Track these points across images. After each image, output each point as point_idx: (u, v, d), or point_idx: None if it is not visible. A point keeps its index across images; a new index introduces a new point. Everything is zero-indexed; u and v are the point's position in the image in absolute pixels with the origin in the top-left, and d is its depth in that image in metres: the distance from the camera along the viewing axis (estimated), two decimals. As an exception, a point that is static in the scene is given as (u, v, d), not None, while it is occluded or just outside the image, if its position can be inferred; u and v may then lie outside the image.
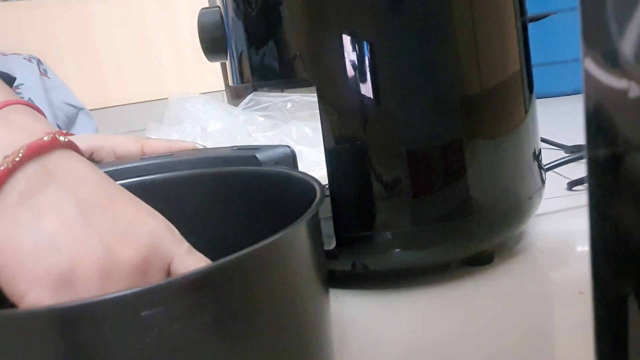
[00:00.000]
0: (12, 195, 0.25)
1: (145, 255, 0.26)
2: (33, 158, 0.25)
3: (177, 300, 0.23)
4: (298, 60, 0.44)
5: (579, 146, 0.77)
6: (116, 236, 0.26)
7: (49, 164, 0.26)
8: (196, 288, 0.24)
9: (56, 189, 0.25)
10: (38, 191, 0.25)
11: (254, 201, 0.42)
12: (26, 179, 0.25)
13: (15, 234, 0.24)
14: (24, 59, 1.23)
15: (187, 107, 1.15)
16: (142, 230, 0.27)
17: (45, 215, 0.25)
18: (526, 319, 0.40)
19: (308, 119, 1.05)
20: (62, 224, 0.25)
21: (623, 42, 0.18)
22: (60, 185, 0.26)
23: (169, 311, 0.23)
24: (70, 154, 0.28)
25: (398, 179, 0.43)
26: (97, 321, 0.23)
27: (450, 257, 0.48)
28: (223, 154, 0.46)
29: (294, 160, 0.45)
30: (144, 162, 0.45)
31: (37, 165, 0.26)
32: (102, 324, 0.23)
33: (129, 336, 0.23)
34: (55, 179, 0.26)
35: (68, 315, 0.23)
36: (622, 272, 0.20)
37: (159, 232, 0.27)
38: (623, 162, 0.19)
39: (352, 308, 0.45)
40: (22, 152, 0.25)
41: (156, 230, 0.27)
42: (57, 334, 0.23)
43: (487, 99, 0.45)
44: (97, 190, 0.27)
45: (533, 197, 0.48)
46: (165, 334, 0.23)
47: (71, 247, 0.24)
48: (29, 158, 0.25)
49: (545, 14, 0.56)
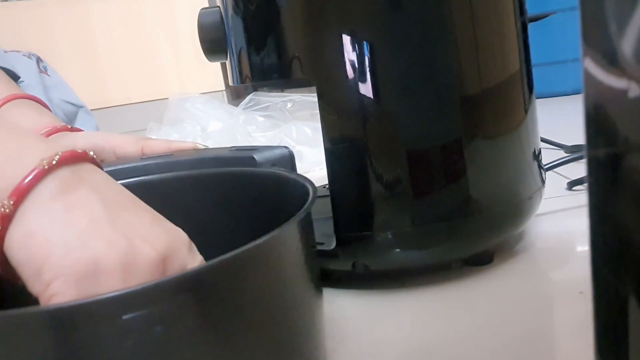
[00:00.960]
0: (46, 192, 0.27)
1: (164, 256, 0.27)
2: (66, 164, 0.28)
3: (158, 303, 0.23)
4: (298, 60, 0.44)
5: (579, 146, 0.77)
6: (139, 235, 0.27)
7: (78, 171, 0.29)
8: (178, 291, 0.24)
9: (85, 190, 0.28)
10: (69, 191, 0.27)
11: (248, 202, 0.42)
12: (59, 180, 0.27)
13: (46, 227, 0.26)
14: (23, 56, 1.23)
15: (187, 107, 1.15)
16: (163, 233, 0.29)
17: (74, 212, 0.27)
18: (526, 319, 0.40)
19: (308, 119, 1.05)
20: (90, 220, 0.27)
21: (623, 42, 0.18)
22: (89, 188, 0.28)
23: (151, 314, 0.23)
24: (94, 167, 0.30)
25: (398, 179, 0.43)
26: (80, 324, 0.23)
27: (450, 257, 0.48)
28: (221, 155, 0.46)
29: (292, 161, 0.45)
30: (143, 162, 0.45)
31: (68, 170, 0.28)
32: (84, 327, 0.23)
33: (111, 339, 0.23)
34: (84, 183, 0.28)
35: (50, 319, 0.23)
36: (622, 272, 0.20)
37: (178, 238, 0.29)
38: (623, 162, 0.19)
39: (353, 308, 0.45)
40: (58, 157, 0.28)
41: (175, 235, 0.29)
42: (38, 337, 0.23)
43: (487, 99, 0.45)
44: (121, 195, 0.30)
45: (533, 197, 0.48)
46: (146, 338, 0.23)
47: (97, 242, 0.26)
48: (63, 164, 0.28)
49: (545, 14, 0.56)
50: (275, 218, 0.32)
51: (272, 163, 0.44)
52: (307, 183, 0.36)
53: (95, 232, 0.26)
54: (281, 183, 0.40)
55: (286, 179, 0.40)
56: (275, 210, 0.38)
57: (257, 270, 0.27)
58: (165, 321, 0.23)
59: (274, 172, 0.42)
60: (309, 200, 0.33)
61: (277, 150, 0.45)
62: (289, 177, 0.39)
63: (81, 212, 0.27)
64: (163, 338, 0.23)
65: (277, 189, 0.40)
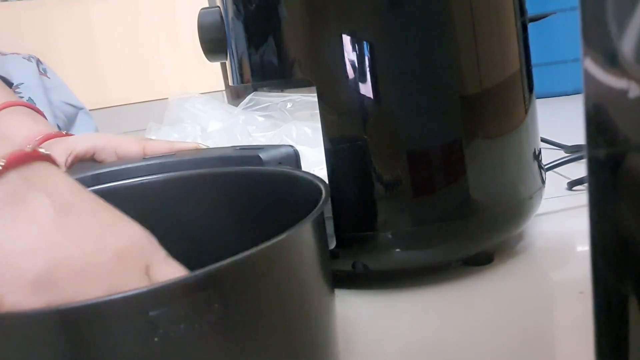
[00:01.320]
0: None
1: (123, 254, 0.27)
2: (13, 168, 0.26)
3: (183, 299, 0.23)
4: (298, 60, 0.44)
5: (579, 146, 0.77)
6: (92, 237, 0.26)
7: (27, 173, 0.27)
8: (202, 288, 0.24)
9: (34, 196, 0.26)
10: (16, 199, 0.26)
11: (258, 201, 0.42)
12: (5, 188, 0.26)
13: None
14: (23, 58, 1.23)
15: (187, 107, 1.15)
16: (121, 232, 0.28)
17: (21, 221, 0.26)
18: (526, 319, 0.40)
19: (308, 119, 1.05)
20: (39, 229, 0.26)
21: (623, 42, 0.18)
22: (39, 192, 0.26)
23: (176, 311, 0.23)
24: (48, 166, 0.28)
25: (398, 179, 0.43)
26: (106, 321, 0.23)
27: (450, 257, 0.48)
28: (226, 154, 0.46)
29: (297, 159, 0.45)
30: (145, 162, 0.45)
31: (16, 174, 0.26)
32: (111, 324, 0.23)
33: (137, 336, 0.23)
34: (34, 187, 0.27)
35: (76, 316, 0.23)
36: (622, 272, 0.20)
37: (139, 235, 0.28)
38: (623, 162, 0.19)
39: (352, 308, 0.45)
40: (4, 163, 0.26)
41: (135, 232, 0.28)
42: (64, 335, 0.23)
43: (487, 99, 0.45)
44: (74, 197, 0.28)
45: (533, 197, 0.48)
46: (171, 334, 0.23)
47: (47, 250, 0.25)
48: (10, 167, 0.26)
49: (545, 14, 0.56)
50: (287, 217, 0.32)
51: (278, 162, 0.44)
52: (319, 182, 0.36)
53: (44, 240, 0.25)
54: (292, 182, 0.40)
55: (298, 177, 0.40)
56: (286, 209, 0.38)
57: (277, 266, 0.27)
58: (190, 318, 0.24)
59: (286, 171, 0.42)
60: (323, 198, 0.33)
61: (282, 149, 0.45)
62: (301, 176, 0.39)
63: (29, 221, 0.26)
64: (187, 334, 0.24)
65: (288, 188, 0.40)
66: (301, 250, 0.29)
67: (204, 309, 0.24)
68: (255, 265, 0.26)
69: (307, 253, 0.30)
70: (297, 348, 0.29)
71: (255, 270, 0.26)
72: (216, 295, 0.24)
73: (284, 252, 0.28)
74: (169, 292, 0.23)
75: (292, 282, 0.29)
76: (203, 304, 0.24)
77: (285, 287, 0.28)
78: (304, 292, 0.30)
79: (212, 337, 0.25)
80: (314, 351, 0.31)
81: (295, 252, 0.29)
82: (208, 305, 0.24)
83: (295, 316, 0.29)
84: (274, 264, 0.27)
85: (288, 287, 0.28)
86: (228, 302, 0.25)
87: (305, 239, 0.30)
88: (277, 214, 0.39)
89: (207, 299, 0.24)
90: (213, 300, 0.24)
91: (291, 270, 0.29)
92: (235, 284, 0.25)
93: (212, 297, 0.24)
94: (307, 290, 0.30)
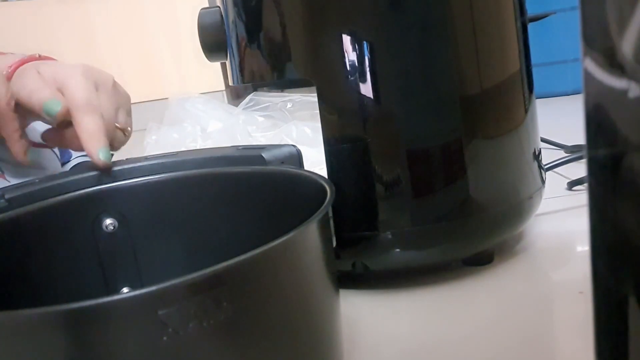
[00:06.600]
0: None
1: None
2: None
3: (192, 298, 0.23)
4: (298, 60, 0.44)
5: (579, 146, 0.77)
6: None
7: None
8: (211, 286, 0.24)
9: None
10: None
11: (263, 200, 0.42)
12: None
13: None
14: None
15: (187, 107, 1.15)
16: None
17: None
18: (526, 319, 0.40)
19: (308, 119, 1.04)
20: None
21: (623, 42, 0.18)
22: None
23: (185, 310, 0.23)
24: None
25: (398, 179, 0.43)
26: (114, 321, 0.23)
27: (450, 257, 0.48)
28: (228, 154, 0.46)
29: (300, 159, 0.45)
30: (148, 161, 0.45)
31: None
32: (119, 324, 0.23)
33: (146, 335, 0.23)
34: None
35: (84, 315, 0.23)
36: (622, 272, 0.20)
37: None
38: (623, 162, 0.19)
39: (352, 308, 0.45)
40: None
41: None
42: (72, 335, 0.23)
43: (487, 99, 0.45)
44: None
45: (533, 197, 0.48)
46: (180, 333, 0.23)
47: None
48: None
49: (545, 14, 0.56)
50: (291, 216, 0.32)
51: (281, 161, 0.44)
52: (323, 181, 0.36)
53: None
54: (295, 181, 0.40)
55: (302, 176, 0.40)
56: (290, 208, 0.38)
57: (284, 265, 0.28)
58: (199, 316, 0.24)
59: (290, 170, 0.42)
60: (328, 197, 0.33)
61: (285, 149, 0.45)
62: (306, 175, 0.39)
63: None
64: (196, 333, 0.24)
65: (293, 187, 0.40)
66: (308, 249, 0.30)
67: (213, 307, 0.24)
68: (263, 263, 0.26)
69: (314, 252, 0.30)
70: (304, 346, 0.29)
71: (263, 269, 0.26)
72: (225, 294, 0.24)
73: (292, 251, 0.28)
74: (178, 291, 0.23)
75: (299, 280, 0.29)
76: (212, 303, 0.24)
77: (292, 286, 0.28)
78: (310, 290, 0.30)
79: (221, 335, 0.25)
80: (320, 349, 0.31)
81: (303, 251, 0.29)
82: (217, 303, 0.24)
83: (302, 315, 0.29)
84: (282, 263, 0.27)
85: (295, 285, 0.29)
86: (237, 301, 0.25)
87: (312, 238, 0.30)
88: (281, 213, 0.39)
89: (216, 298, 0.24)
90: (222, 299, 0.24)
91: (298, 268, 0.29)
92: (244, 283, 0.25)
93: (221, 296, 0.24)
94: (314, 289, 0.30)
